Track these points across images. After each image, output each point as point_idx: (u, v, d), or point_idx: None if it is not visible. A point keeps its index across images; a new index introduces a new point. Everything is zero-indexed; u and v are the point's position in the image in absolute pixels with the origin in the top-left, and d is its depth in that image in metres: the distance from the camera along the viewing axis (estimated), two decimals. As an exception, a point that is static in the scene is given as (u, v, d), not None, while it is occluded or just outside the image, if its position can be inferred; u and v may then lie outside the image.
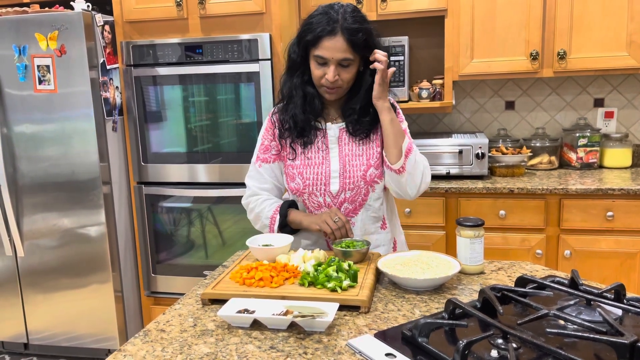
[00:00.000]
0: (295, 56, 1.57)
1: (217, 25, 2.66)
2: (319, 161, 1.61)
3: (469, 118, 3.19)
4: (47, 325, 2.91)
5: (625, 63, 2.63)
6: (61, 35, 2.59)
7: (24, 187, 2.78)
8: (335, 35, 1.47)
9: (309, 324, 1.10)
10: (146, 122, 2.80)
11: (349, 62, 1.51)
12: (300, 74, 1.58)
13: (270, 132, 1.68)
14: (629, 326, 1.05)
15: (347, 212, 1.63)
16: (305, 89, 1.58)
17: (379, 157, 1.62)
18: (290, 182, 1.64)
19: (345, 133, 1.62)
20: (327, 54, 1.48)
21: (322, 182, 1.61)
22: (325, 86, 1.53)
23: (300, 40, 1.54)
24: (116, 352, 1.07)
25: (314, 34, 1.49)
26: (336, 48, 1.48)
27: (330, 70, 1.50)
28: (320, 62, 1.51)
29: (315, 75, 1.54)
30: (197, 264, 2.89)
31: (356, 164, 1.60)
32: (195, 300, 1.32)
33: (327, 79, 1.51)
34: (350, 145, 1.62)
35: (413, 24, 2.99)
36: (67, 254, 2.80)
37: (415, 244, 2.51)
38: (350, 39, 1.47)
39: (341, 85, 1.54)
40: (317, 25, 1.48)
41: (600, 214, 2.47)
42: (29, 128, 2.72)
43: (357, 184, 1.60)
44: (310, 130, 1.61)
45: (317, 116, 1.61)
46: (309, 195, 1.63)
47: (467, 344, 0.91)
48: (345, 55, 1.49)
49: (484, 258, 1.45)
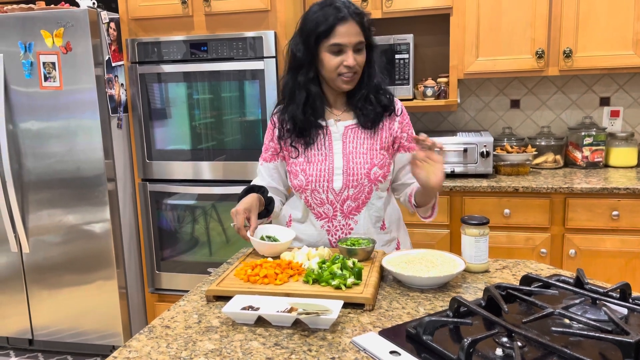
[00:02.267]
0: (301, 55, 1.56)
1: (222, 22, 2.66)
2: (322, 158, 1.61)
3: (473, 116, 3.19)
4: (52, 322, 2.92)
5: (632, 62, 2.61)
6: (67, 32, 2.60)
7: (30, 183, 2.79)
8: (348, 20, 1.50)
9: (313, 321, 1.10)
10: (151, 119, 2.81)
11: (362, 45, 1.54)
12: (306, 71, 1.57)
13: (270, 132, 1.69)
14: (634, 325, 1.05)
15: (349, 210, 1.62)
16: (309, 87, 1.57)
17: (383, 157, 1.62)
18: (294, 179, 1.64)
19: (350, 130, 1.62)
20: (344, 40, 1.50)
21: (325, 179, 1.60)
22: (344, 74, 1.53)
23: (307, 37, 1.53)
24: (121, 347, 1.08)
25: (327, 24, 1.50)
26: (351, 33, 1.50)
27: (349, 55, 1.51)
28: (336, 50, 1.51)
29: (332, 65, 1.52)
30: (201, 261, 2.90)
31: (360, 161, 1.60)
32: (199, 297, 1.32)
33: (346, 65, 1.51)
34: (354, 143, 1.61)
35: (418, 22, 2.99)
36: (72, 250, 2.81)
37: (419, 242, 2.51)
38: (360, 22, 1.52)
39: (358, 70, 1.55)
40: (327, 16, 1.50)
41: (606, 213, 2.47)
42: (35, 125, 2.73)
43: (360, 181, 1.60)
44: (310, 130, 1.60)
45: (317, 117, 1.60)
46: (312, 192, 1.62)
47: (472, 342, 0.91)
48: (359, 38, 1.52)
49: (488, 257, 1.45)
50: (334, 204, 1.62)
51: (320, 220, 1.64)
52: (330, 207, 1.62)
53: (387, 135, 1.63)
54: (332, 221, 1.63)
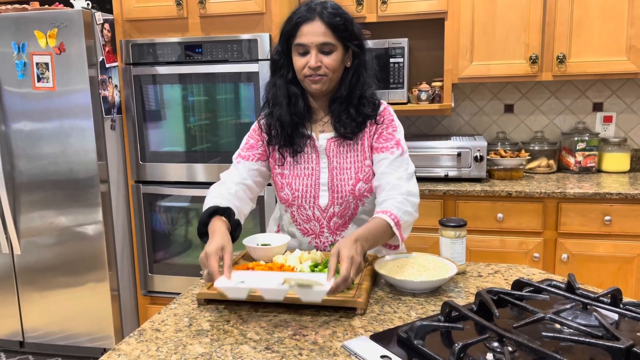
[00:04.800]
0: (277, 56, 1.54)
1: (217, 24, 2.66)
2: (309, 172, 1.58)
3: (467, 121, 3.19)
4: (43, 324, 2.90)
5: (625, 68, 2.63)
6: (60, 33, 2.59)
7: (22, 184, 2.77)
8: (313, 19, 1.46)
9: (306, 293, 1.08)
10: (145, 121, 2.80)
11: (330, 47, 1.47)
12: (285, 73, 1.55)
13: (257, 133, 1.63)
14: (625, 331, 1.05)
15: (336, 227, 1.59)
16: (289, 88, 1.54)
17: (368, 171, 1.57)
18: (280, 192, 1.61)
19: (333, 144, 1.57)
20: (306, 40, 1.46)
21: (311, 195, 1.57)
22: (308, 75, 1.49)
23: (281, 37, 1.53)
24: (110, 351, 1.07)
25: (292, 23, 1.48)
26: (314, 32, 1.46)
27: (312, 56, 1.46)
28: (301, 51, 1.48)
29: (298, 66, 1.49)
30: (194, 264, 2.89)
31: (344, 177, 1.56)
32: (191, 300, 1.31)
33: (309, 66, 1.46)
34: (338, 158, 1.57)
35: (413, 26, 3.00)
36: (64, 252, 2.79)
37: (412, 246, 2.52)
38: (329, 22, 1.45)
39: (325, 73, 1.48)
40: (295, 15, 1.49)
41: (598, 218, 2.47)
42: (27, 126, 2.71)
43: (345, 198, 1.56)
44: (298, 138, 1.56)
45: (302, 118, 1.56)
46: (298, 208, 1.59)
47: (463, 346, 0.91)
48: (325, 39, 1.45)
49: (465, 259, 1.46)
50: (321, 221, 1.59)
51: (307, 237, 1.63)
52: (317, 223, 1.59)
53: (368, 144, 1.57)
54: (320, 237, 1.61)
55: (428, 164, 2.75)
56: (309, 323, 1.16)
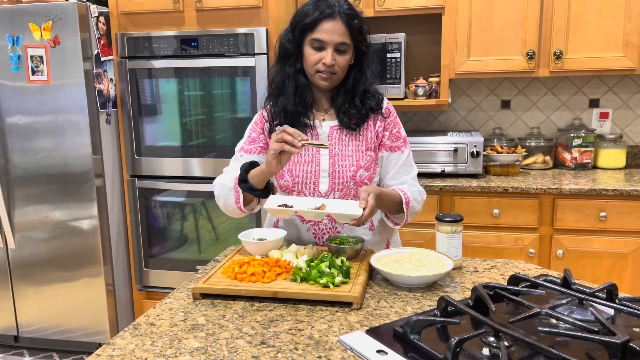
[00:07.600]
0: (289, 45, 1.54)
1: (213, 18, 2.65)
2: (309, 159, 1.59)
3: (464, 116, 3.19)
4: (38, 318, 2.89)
5: (621, 64, 2.63)
6: (55, 25, 2.57)
7: (16, 178, 2.75)
8: (334, 18, 1.48)
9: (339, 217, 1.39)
10: (140, 115, 2.78)
11: (346, 47, 1.50)
12: (294, 62, 1.55)
13: (260, 126, 1.64)
14: (620, 326, 1.05)
15: None
16: (297, 78, 1.56)
17: (369, 159, 1.59)
18: (280, 179, 1.62)
19: (335, 131, 1.60)
20: (325, 37, 1.48)
21: (311, 181, 1.58)
22: (321, 71, 1.51)
23: (295, 27, 1.52)
24: (105, 345, 1.06)
25: (312, 17, 1.48)
26: (335, 31, 1.48)
27: (328, 53, 1.48)
28: (317, 46, 1.49)
29: (311, 60, 1.51)
30: (190, 259, 2.88)
31: (346, 164, 1.57)
32: (186, 295, 1.31)
33: (324, 62, 1.49)
34: (340, 145, 1.59)
35: (410, 21, 2.99)
36: (59, 246, 2.78)
37: (408, 241, 2.51)
38: (349, 23, 1.49)
39: (336, 71, 1.51)
40: (315, 9, 1.48)
41: (594, 214, 2.48)
42: (22, 119, 2.69)
43: (346, 184, 1.58)
44: (300, 127, 1.56)
45: (306, 109, 1.58)
46: (298, 194, 1.60)
47: (459, 341, 0.91)
48: (343, 39, 1.49)
49: (461, 254, 1.46)
50: None
51: (306, 224, 1.63)
52: None
53: (372, 136, 1.60)
54: (319, 224, 1.62)
55: (424, 159, 2.74)
56: (304, 317, 1.16)
